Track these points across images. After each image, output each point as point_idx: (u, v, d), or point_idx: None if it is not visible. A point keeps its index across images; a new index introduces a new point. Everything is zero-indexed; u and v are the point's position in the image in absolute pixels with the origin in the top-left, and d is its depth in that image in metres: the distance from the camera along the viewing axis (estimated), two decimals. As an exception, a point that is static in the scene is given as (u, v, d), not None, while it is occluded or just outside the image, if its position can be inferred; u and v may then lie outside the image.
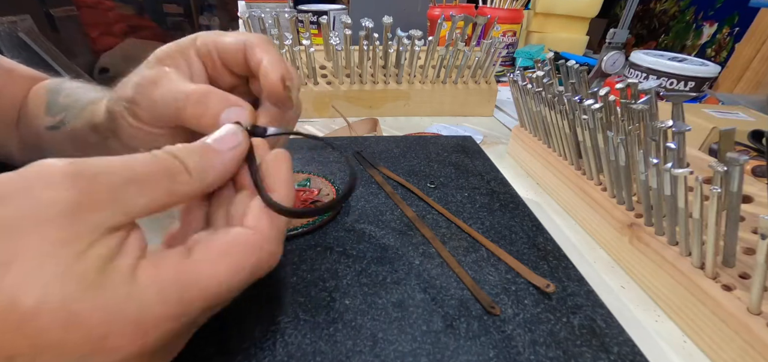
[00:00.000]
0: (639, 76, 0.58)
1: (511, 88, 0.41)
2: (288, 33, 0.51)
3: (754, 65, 0.72)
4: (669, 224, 0.24)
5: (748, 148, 0.38)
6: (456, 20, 0.52)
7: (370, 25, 0.48)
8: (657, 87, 0.27)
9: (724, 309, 0.20)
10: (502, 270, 0.24)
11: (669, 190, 0.22)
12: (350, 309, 0.21)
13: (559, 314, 0.21)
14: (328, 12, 0.81)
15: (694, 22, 1.78)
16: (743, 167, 0.19)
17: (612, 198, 0.30)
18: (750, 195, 0.26)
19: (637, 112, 0.26)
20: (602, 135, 0.28)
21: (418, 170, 0.37)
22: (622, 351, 0.19)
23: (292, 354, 0.18)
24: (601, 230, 0.31)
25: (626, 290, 0.27)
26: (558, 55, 0.74)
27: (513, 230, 0.29)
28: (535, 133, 0.41)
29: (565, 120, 0.33)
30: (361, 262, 0.25)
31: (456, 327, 0.20)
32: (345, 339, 0.19)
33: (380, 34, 0.51)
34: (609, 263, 0.29)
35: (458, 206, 0.31)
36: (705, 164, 0.29)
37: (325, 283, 0.23)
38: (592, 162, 0.31)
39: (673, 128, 0.23)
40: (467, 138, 0.44)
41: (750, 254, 0.23)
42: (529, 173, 0.42)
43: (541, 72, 0.35)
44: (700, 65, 0.54)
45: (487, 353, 0.19)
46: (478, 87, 0.57)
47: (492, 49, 0.54)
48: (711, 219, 0.20)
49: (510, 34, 0.85)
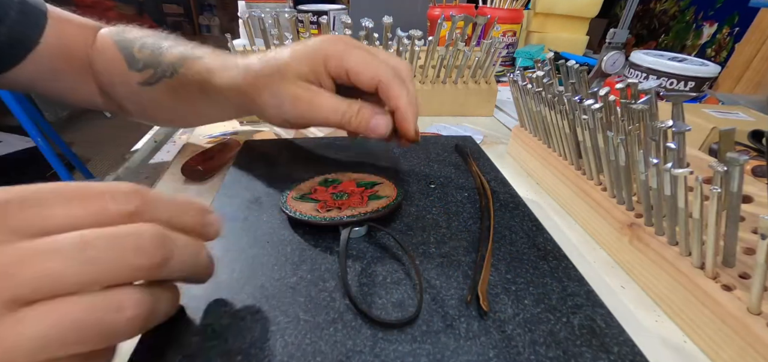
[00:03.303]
0: (639, 76, 0.58)
1: (511, 89, 0.41)
2: (288, 33, 0.51)
3: (754, 65, 0.72)
4: (669, 224, 0.24)
5: (748, 148, 0.38)
6: (456, 20, 0.52)
7: (370, 25, 0.47)
8: (657, 87, 0.27)
9: (724, 309, 0.20)
10: (502, 270, 0.24)
11: (669, 190, 0.22)
12: (350, 309, 0.21)
13: (559, 314, 0.21)
14: (328, 12, 0.81)
15: (694, 22, 1.78)
16: (743, 167, 0.19)
17: (612, 198, 0.30)
18: (750, 195, 0.26)
19: (637, 112, 0.26)
20: (602, 135, 0.28)
21: (418, 170, 0.37)
22: (622, 351, 0.19)
23: (292, 354, 0.18)
24: (601, 230, 0.31)
25: (626, 290, 0.27)
26: (558, 55, 0.74)
27: (513, 230, 0.29)
28: (535, 133, 0.41)
29: (565, 120, 0.33)
30: (360, 262, 0.25)
31: (456, 327, 0.20)
32: (345, 339, 0.19)
33: (380, 34, 0.51)
34: (609, 263, 0.29)
35: (458, 206, 0.31)
36: (705, 164, 0.29)
37: (325, 283, 0.23)
38: (592, 162, 0.31)
39: (673, 128, 0.23)
40: (467, 138, 0.44)
41: (750, 254, 0.23)
42: (529, 173, 0.42)
43: (541, 72, 0.35)
44: (700, 65, 0.54)
45: (487, 353, 0.19)
46: (478, 87, 0.57)
47: (492, 49, 0.54)
48: (711, 219, 0.20)
49: (510, 34, 0.85)
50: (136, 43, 0.35)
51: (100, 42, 0.36)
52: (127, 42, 0.35)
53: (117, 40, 0.35)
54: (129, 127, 2.46)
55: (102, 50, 0.36)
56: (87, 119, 2.40)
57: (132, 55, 0.34)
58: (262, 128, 0.52)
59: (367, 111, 0.28)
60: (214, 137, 0.48)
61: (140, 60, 0.34)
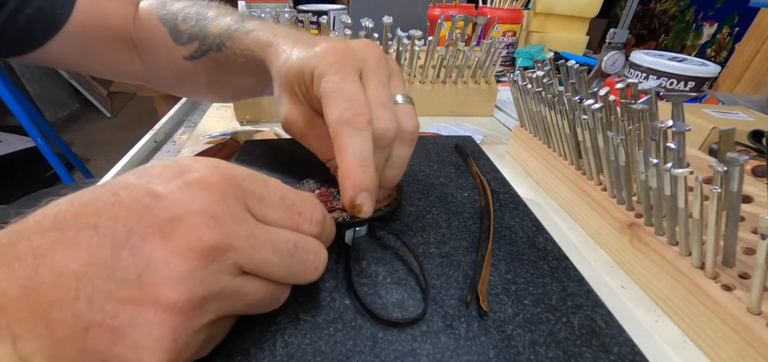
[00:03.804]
0: (639, 76, 0.58)
1: (511, 89, 0.41)
2: (288, 33, 0.51)
3: (754, 65, 0.72)
4: (669, 224, 0.24)
5: (748, 148, 0.38)
6: (456, 20, 0.52)
7: (370, 25, 0.47)
8: (657, 87, 0.27)
9: (724, 309, 0.20)
10: (502, 270, 0.24)
11: (669, 190, 0.22)
12: (350, 309, 0.21)
13: (559, 314, 0.21)
14: (328, 12, 0.81)
15: (694, 22, 1.78)
16: (743, 167, 0.19)
17: (612, 198, 0.30)
18: (750, 195, 0.26)
19: (637, 112, 0.26)
20: (602, 135, 0.28)
21: (418, 170, 0.37)
22: (622, 351, 0.19)
23: (292, 354, 0.18)
24: (601, 230, 0.31)
25: (626, 290, 0.27)
26: (558, 55, 0.74)
27: (513, 230, 0.29)
28: (535, 133, 0.41)
29: (565, 120, 0.33)
30: (360, 262, 0.25)
31: (456, 327, 0.20)
32: (345, 339, 0.19)
33: (380, 34, 0.51)
34: (609, 263, 0.29)
35: (458, 206, 0.31)
36: (705, 164, 0.29)
37: (325, 283, 0.23)
38: (592, 162, 0.31)
39: (673, 128, 0.23)
40: (467, 138, 0.44)
41: (750, 254, 0.23)
42: (529, 173, 0.42)
43: (541, 72, 0.35)
44: (700, 65, 0.54)
45: (487, 353, 0.19)
46: (478, 87, 0.57)
47: (492, 49, 0.54)
48: (711, 219, 0.20)
49: (510, 34, 0.85)
50: (180, 15, 0.34)
51: (142, 15, 0.36)
52: (171, 15, 0.34)
53: (160, 13, 0.35)
54: (129, 127, 2.45)
55: (145, 24, 0.35)
56: (87, 119, 2.40)
57: (176, 27, 0.33)
58: (262, 127, 0.52)
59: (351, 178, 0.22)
60: (214, 137, 0.48)
61: (185, 32, 0.33)
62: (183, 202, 0.15)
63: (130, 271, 0.13)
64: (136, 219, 0.14)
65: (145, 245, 0.14)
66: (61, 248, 0.13)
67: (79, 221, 0.13)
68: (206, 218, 0.14)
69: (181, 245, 0.14)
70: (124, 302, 0.13)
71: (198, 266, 0.14)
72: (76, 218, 0.14)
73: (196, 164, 0.17)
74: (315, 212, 0.19)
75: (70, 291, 0.12)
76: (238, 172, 0.17)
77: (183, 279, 0.13)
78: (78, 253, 0.13)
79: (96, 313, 0.12)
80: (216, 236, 0.14)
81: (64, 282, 0.12)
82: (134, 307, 0.13)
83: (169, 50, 0.34)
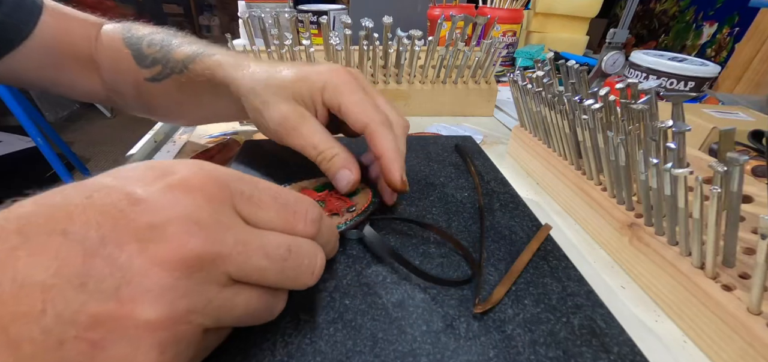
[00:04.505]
0: (639, 76, 0.58)
1: (511, 89, 0.41)
2: (288, 33, 0.51)
3: (754, 65, 0.72)
4: (669, 224, 0.24)
5: (748, 148, 0.38)
6: (456, 20, 0.52)
7: (370, 25, 0.47)
8: (657, 87, 0.27)
9: (724, 309, 0.20)
10: (502, 270, 0.24)
11: (669, 190, 0.22)
12: (350, 309, 0.21)
13: (559, 314, 0.21)
14: (328, 12, 0.81)
15: (694, 22, 1.78)
16: (743, 167, 0.19)
17: (612, 198, 0.30)
18: (750, 195, 0.26)
19: (637, 112, 0.26)
20: (602, 135, 0.28)
21: (418, 170, 0.37)
22: (622, 351, 0.19)
23: (292, 354, 0.18)
24: (601, 230, 0.31)
25: (626, 290, 0.27)
26: (558, 55, 0.74)
27: (513, 230, 0.29)
28: (535, 133, 0.41)
29: (565, 120, 0.33)
30: (360, 262, 0.25)
31: (456, 327, 0.20)
32: (345, 339, 0.19)
33: (380, 34, 0.51)
34: (609, 263, 0.29)
35: (458, 206, 0.31)
36: (705, 164, 0.29)
37: (325, 283, 0.23)
38: (592, 162, 0.31)
39: (673, 128, 0.23)
40: (467, 138, 0.44)
41: (750, 254, 0.23)
42: (529, 173, 0.42)
43: (541, 72, 0.35)
44: (700, 65, 0.54)
45: (487, 353, 0.19)
46: (478, 87, 0.57)
47: (492, 49, 0.54)
48: (711, 219, 0.20)
49: (510, 34, 0.85)
50: (145, 40, 0.35)
51: (105, 37, 0.36)
52: (136, 38, 0.35)
53: (125, 36, 0.36)
54: (129, 127, 2.45)
55: (108, 45, 0.36)
56: (87, 119, 2.40)
57: (140, 51, 0.34)
58: (262, 128, 0.52)
59: (340, 161, 0.27)
60: (214, 137, 0.48)
61: (149, 56, 0.34)
62: (164, 206, 0.14)
63: (105, 282, 0.12)
64: (110, 225, 0.13)
65: (121, 254, 0.12)
66: (24, 256, 0.12)
67: (47, 226, 0.12)
68: (190, 224, 0.14)
69: (161, 255, 0.13)
70: (100, 316, 0.12)
71: (180, 278, 0.13)
72: (45, 223, 0.12)
73: (180, 165, 0.16)
74: (310, 210, 0.19)
75: (35, 304, 0.11)
76: (225, 173, 0.16)
77: (164, 292, 0.13)
78: (45, 261, 0.12)
79: (68, 328, 0.11)
80: (200, 244, 0.14)
81: (27, 294, 0.11)
82: (112, 322, 0.12)
83: (132, 72, 0.35)
